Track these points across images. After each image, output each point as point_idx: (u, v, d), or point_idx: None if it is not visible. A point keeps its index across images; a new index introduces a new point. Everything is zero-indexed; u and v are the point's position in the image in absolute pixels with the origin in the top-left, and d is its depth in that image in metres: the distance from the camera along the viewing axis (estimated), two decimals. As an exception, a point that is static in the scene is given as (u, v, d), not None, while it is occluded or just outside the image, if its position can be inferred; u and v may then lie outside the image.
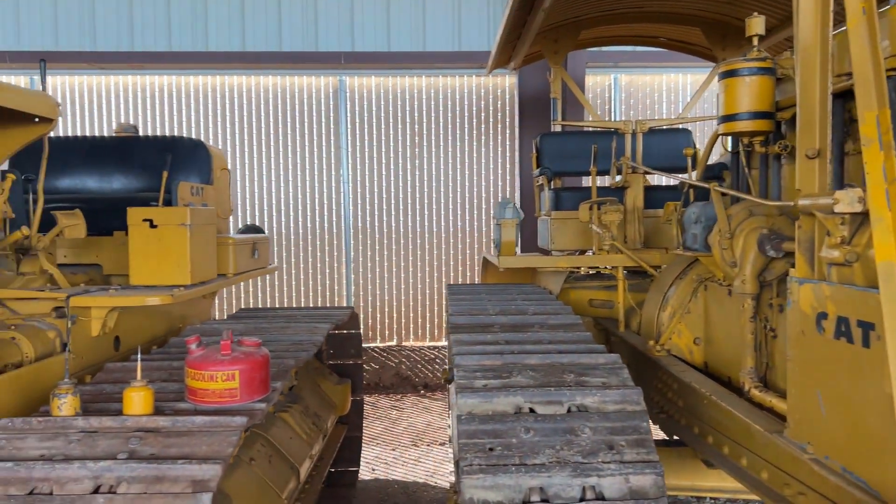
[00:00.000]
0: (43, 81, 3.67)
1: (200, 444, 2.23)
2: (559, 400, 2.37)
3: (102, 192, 4.72)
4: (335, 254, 8.41)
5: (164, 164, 4.55)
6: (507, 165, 8.37)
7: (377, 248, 8.42)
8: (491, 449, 2.17)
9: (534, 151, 5.55)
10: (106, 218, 4.15)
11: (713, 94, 5.55)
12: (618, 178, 4.77)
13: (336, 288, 8.41)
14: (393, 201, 8.39)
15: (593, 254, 4.54)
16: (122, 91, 8.19)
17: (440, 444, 6.08)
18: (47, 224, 3.71)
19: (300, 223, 8.39)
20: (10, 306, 3.37)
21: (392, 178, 8.38)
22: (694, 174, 3.86)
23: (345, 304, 8.40)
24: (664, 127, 5.51)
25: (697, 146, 5.28)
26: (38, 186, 3.70)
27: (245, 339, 2.68)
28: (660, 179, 6.58)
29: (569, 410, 2.35)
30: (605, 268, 4.86)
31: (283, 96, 8.26)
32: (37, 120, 3.21)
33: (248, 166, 8.29)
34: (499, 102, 8.34)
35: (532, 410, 2.36)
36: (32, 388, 2.98)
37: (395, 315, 8.43)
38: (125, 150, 4.85)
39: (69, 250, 4.28)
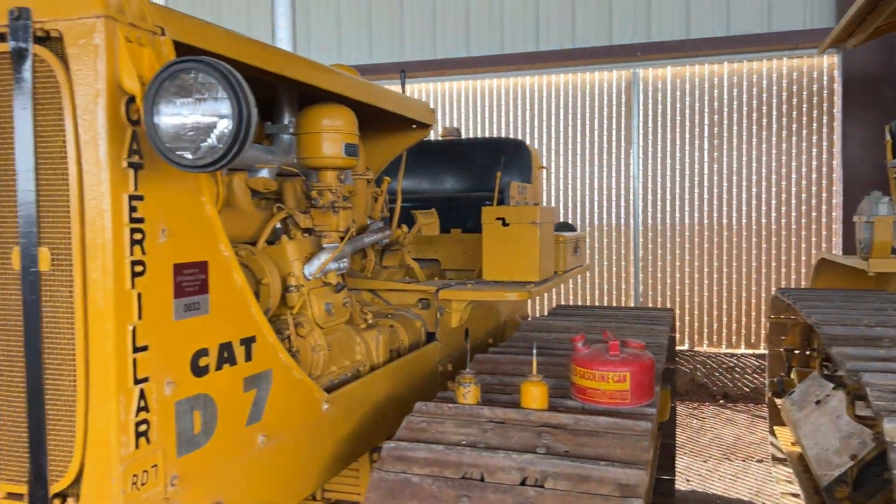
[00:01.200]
0: (403, 90, 3.98)
1: (612, 446, 2.19)
2: None
3: (436, 192, 5.04)
4: (622, 252, 8.20)
5: (492, 165, 4.73)
6: (824, 156, 7.48)
7: (668, 246, 8.04)
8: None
9: (888, 138, 4.83)
10: (443, 217, 4.41)
11: None
12: None
13: (623, 287, 8.20)
14: (687, 197, 7.95)
15: None
16: (423, 95, 8.79)
17: (758, 461, 5.59)
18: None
19: (587, 220, 8.31)
20: (383, 297, 3.70)
21: (686, 173, 7.94)
22: None
23: (632, 304, 8.16)
24: None
25: None
26: (396, 187, 4.03)
27: (630, 341, 2.61)
28: None
29: None
30: None
31: (574, 93, 8.24)
32: (414, 126, 3.47)
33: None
34: (814, 86, 7.48)
35: None
36: (411, 373, 3.22)
37: (687, 318, 7.99)
38: (454, 151, 5.13)
39: (412, 246, 4.62)
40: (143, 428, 1.60)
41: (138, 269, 1.58)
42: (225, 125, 1.45)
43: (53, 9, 1.52)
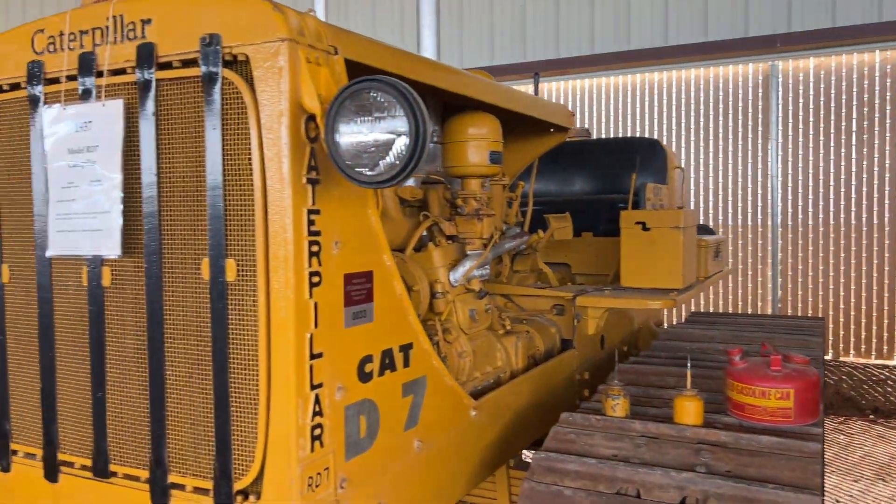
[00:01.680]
0: (535, 92, 3.95)
1: (779, 468, 2.07)
2: None
3: (565, 194, 4.97)
4: (759, 255, 7.76)
5: (624, 166, 4.60)
6: None
7: (810, 248, 7.53)
8: None
9: None
10: (573, 220, 4.34)
11: None
12: None
13: (759, 292, 7.76)
14: (831, 196, 7.41)
15: None
16: (546, 96, 8.71)
17: (918, 485, 5.13)
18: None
19: (720, 221, 7.93)
20: (517, 302, 3.69)
21: (830, 170, 7.41)
22: None
23: (770, 311, 7.71)
24: None
25: None
26: (528, 191, 4.01)
27: (793, 356, 2.46)
28: None
29: None
30: None
31: (706, 89, 7.88)
32: (552, 130, 3.43)
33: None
34: (983, 72, 6.76)
35: None
36: (551, 381, 3.19)
37: (830, 326, 7.45)
38: (583, 152, 5.03)
39: (541, 249, 4.58)
40: (317, 432, 1.67)
41: (315, 279, 1.65)
42: (402, 142, 1.48)
43: (241, 34, 1.61)
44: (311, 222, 1.64)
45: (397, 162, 1.49)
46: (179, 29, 1.69)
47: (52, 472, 1.94)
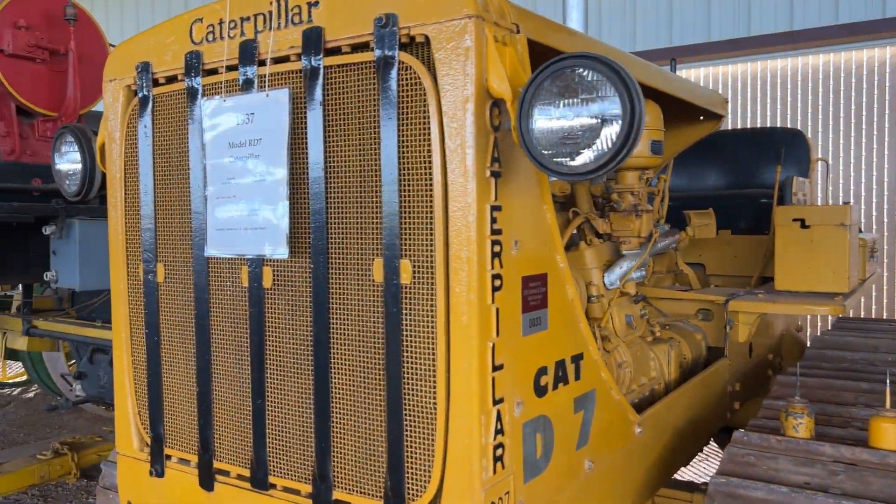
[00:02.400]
0: (673, 80, 3.66)
1: None
2: None
3: (697, 189, 4.65)
4: (896, 255, 7.12)
5: (763, 158, 4.25)
6: None
7: (958, 249, 6.84)
8: None
9: None
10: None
11: None
12: None
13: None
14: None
15: None
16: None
17: None
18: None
19: (872, 218, 7.31)
20: (655, 305, 3.43)
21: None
22: None
23: (909, 316, 7.05)
24: None
25: None
26: (664, 186, 3.73)
27: None
28: None
29: None
30: None
31: (836, 75, 7.29)
32: (702, 118, 3.16)
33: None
34: None
35: None
36: (705, 393, 2.92)
37: (983, 334, 6.72)
38: (717, 144, 4.69)
39: (682, 249, 4.29)
40: (499, 452, 1.51)
41: (497, 283, 1.49)
42: (613, 128, 1.29)
43: (420, 13, 1.47)
44: (493, 219, 1.47)
45: (606, 150, 1.30)
46: (350, 11, 1.56)
47: (207, 480, 1.87)
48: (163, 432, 1.97)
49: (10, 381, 8.72)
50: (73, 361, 6.43)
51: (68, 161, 2.18)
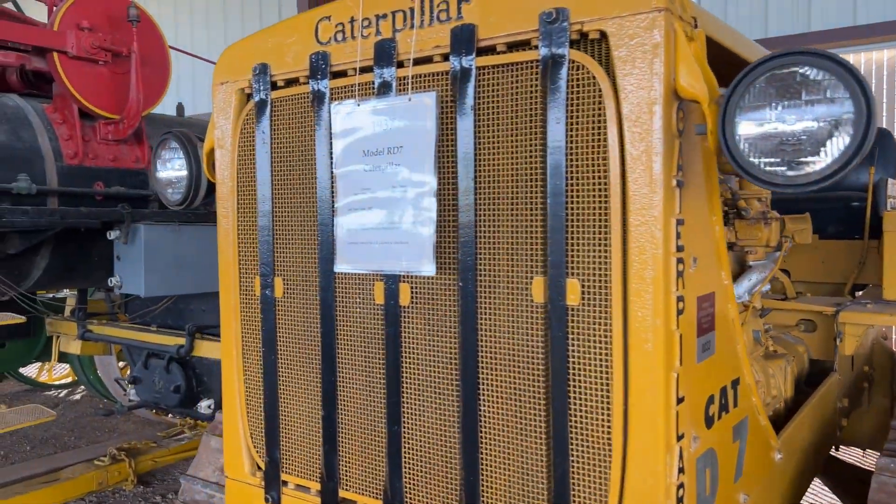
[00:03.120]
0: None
1: None
2: None
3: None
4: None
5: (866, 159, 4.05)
6: None
7: None
8: None
9: None
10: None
11: None
12: None
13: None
14: None
15: None
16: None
17: None
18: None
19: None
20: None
21: None
22: None
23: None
24: None
25: None
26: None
27: None
28: None
29: None
30: None
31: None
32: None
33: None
34: None
35: None
36: (822, 412, 2.74)
37: None
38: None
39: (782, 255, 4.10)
40: (681, 493, 1.36)
41: (680, 305, 1.34)
42: (843, 132, 1.14)
43: (596, 8, 1.33)
44: (678, 234, 1.33)
45: (836, 158, 1.15)
46: (508, 7, 1.42)
47: (331, 509, 1.75)
48: (279, 456, 1.86)
49: (57, 382, 8.75)
50: (124, 364, 6.41)
51: (172, 168, 2.08)
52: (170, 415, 6.08)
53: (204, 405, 4.81)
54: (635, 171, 1.30)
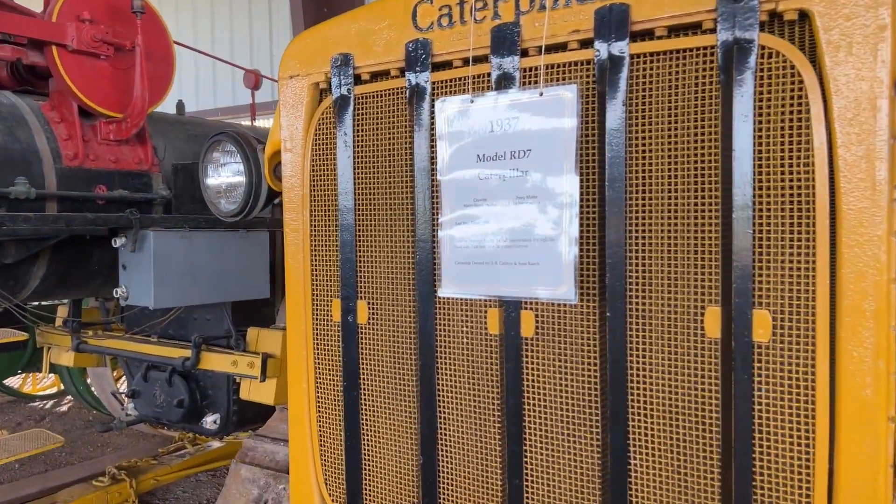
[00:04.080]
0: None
1: None
2: None
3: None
4: None
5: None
6: None
7: None
8: None
9: None
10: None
11: None
12: None
13: None
14: None
15: None
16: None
17: None
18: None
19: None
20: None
21: None
22: None
23: None
24: None
25: None
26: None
27: None
28: None
29: None
30: None
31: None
32: None
33: None
34: None
35: None
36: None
37: None
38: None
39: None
40: (894, 567, 1.13)
41: (895, 341, 1.11)
42: None
43: (795, -19, 1.09)
44: (896, 256, 1.10)
45: None
46: (674, -19, 1.18)
47: (430, 572, 1.49)
48: (363, 508, 1.60)
49: (42, 392, 8.38)
50: (119, 375, 6.08)
51: (225, 174, 1.81)
52: (166, 428, 5.77)
53: (209, 420, 4.52)
54: (851, 179, 1.07)
